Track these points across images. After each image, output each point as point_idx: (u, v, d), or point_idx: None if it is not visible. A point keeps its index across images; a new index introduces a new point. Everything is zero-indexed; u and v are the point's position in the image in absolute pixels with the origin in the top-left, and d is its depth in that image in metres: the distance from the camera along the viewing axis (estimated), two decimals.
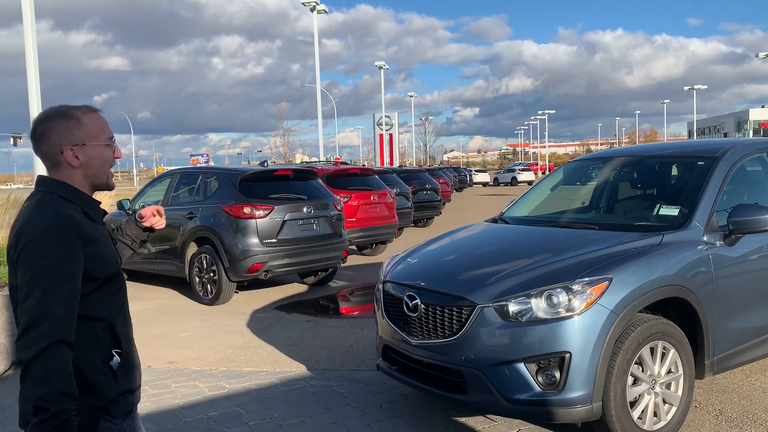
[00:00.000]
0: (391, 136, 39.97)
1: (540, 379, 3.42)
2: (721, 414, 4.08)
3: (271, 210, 8.04)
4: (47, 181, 1.95)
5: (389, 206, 12.15)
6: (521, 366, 3.43)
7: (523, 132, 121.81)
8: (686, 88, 68.24)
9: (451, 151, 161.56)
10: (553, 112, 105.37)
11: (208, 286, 8.18)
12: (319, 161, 22.44)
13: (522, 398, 3.44)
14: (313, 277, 9.38)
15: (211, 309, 7.95)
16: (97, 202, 2.00)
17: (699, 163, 4.58)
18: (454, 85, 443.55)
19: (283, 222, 8.14)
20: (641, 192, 5.13)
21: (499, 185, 54.25)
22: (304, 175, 9.19)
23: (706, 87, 69.82)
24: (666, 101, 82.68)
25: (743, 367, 4.61)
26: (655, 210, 4.47)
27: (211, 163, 56.64)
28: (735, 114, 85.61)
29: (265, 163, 9.63)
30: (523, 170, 55.21)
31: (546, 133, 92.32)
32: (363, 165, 23.21)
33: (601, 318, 3.40)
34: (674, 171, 4.96)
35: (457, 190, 38.85)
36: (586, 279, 3.48)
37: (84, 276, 1.82)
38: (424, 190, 17.87)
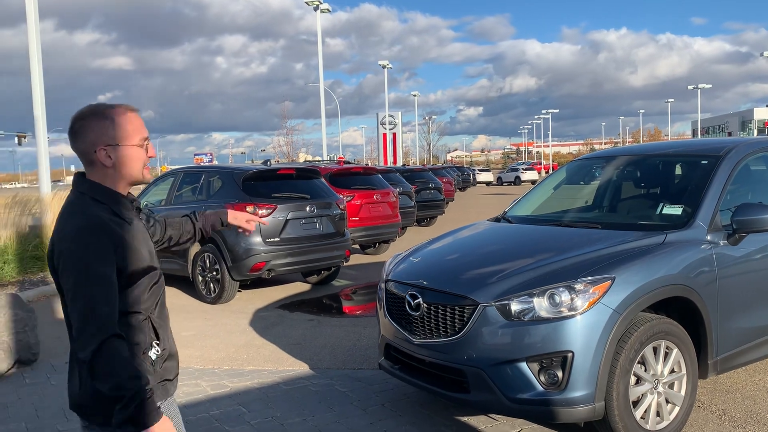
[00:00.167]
0: (394, 135, 39.96)
1: (542, 378, 3.41)
2: (725, 414, 4.07)
3: (274, 209, 8.04)
4: (80, 181, 2.01)
5: (392, 205, 12.14)
6: (523, 365, 3.42)
7: (526, 131, 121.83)
8: (690, 87, 68.12)
9: (454, 151, 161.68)
10: (557, 111, 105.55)
11: (211, 284, 8.19)
12: (323, 160, 22.46)
13: (524, 397, 3.44)
14: (315, 276, 9.38)
15: (213, 308, 7.95)
16: (129, 200, 2.04)
17: (702, 162, 4.56)
18: (458, 84, 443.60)
19: (286, 221, 8.14)
20: (644, 191, 5.12)
21: (502, 184, 54.22)
22: (307, 174, 9.19)
23: (710, 86, 69.71)
24: (670, 100, 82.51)
25: (747, 366, 4.60)
26: (659, 209, 4.45)
27: (215, 162, 56.71)
28: (739, 113, 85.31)
29: (268, 163, 9.63)
30: (526, 169, 55.14)
31: (549, 133, 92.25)
32: (366, 164, 23.22)
33: (603, 317, 3.39)
34: (677, 170, 4.94)
35: (460, 190, 38.82)
36: (589, 278, 3.47)
37: (118, 272, 1.89)
38: (427, 189, 17.85)
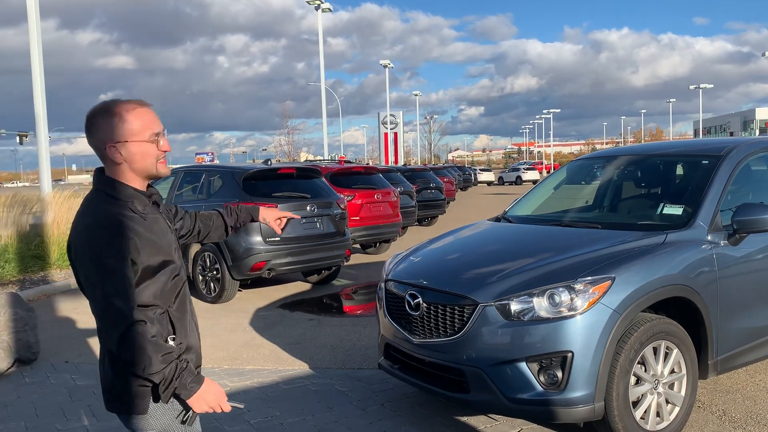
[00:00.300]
0: (396, 134, 39.94)
1: (542, 378, 3.40)
2: (725, 414, 4.06)
3: (274, 208, 8.02)
4: (97, 178, 2.05)
5: (393, 205, 12.13)
6: (523, 365, 3.41)
7: (528, 131, 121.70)
8: (692, 87, 67.99)
9: (456, 150, 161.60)
10: (558, 111, 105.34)
11: (211, 284, 8.19)
12: (324, 160, 22.44)
13: (524, 398, 3.43)
14: (316, 275, 9.38)
15: (214, 307, 7.95)
16: (145, 195, 2.06)
17: (703, 162, 4.55)
18: (459, 84, 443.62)
19: (288, 220, 8.11)
20: (645, 191, 5.11)
21: (503, 184, 54.20)
22: (308, 173, 9.18)
23: (712, 86, 69.52)
24: (672, 100, 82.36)
25: (748, 367, 4.59)
26: (659, 209, 4.44)
27: (216, 162, 56.73)
28: (741, 113, 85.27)
29: (269, 162, 9.62)
30: (527, 169, 55.11)
31: (551, 132, 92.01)
32: (367, 164, 23.20)
33: (603, 317, 3.38)
34: (678, 170, 4.93)
35: (461, 189, 38.80)
36: (589, 278, 3.46)
37: (133, 266, 1.93)
38: (428, 188, 17.84)
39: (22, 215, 11.34)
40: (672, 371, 3.70)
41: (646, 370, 3.59)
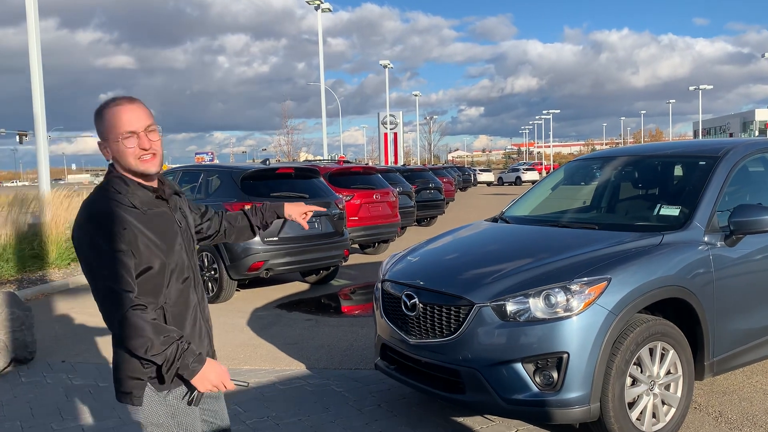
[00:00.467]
0: (395, 135, 39.95)
1: (537, 379, 3.40)
2: (721, 416, 4.05)
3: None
4: (107, 172, 2.10)
5: (392, 205, 12.13)
6: (519, 366, 3.41)
7: (527, 131, 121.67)
8: (692, 88, 67.93)
9: (455, 151, 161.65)
10: (558, 111, 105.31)
11: (209, 284, 8.18)
12: (323, 160, 22.43)
13: (519, 398, 3.42)
14: (314, 275, 9.38)
15: (211, 307, 7.88)
16: (149, 189, 2.07)
17: (700, 163, 4.55)
18: (459, 84, 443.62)
19: (285, 220, 8.11)
20: (642, 192, 5.10)
21: (503, 185, 54.22)
22: (306, 173, 9.18)
23: (711, 87, 69.46)
24: (671, 101, 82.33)
25: (744, 368, 4.59)
26: (656, 210, 4.44)
27: (216, 161, 56.70)
28: (741, 114, 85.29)
29: (267, 162, 9.62)
30: (527, 170, 55.17)
31: (551, 133, 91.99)
32: (366, 164, 23.19)
33: (599, 318, 3.38)
34: (675, 171, 4.92)
35: (461, 190, 38.81)
36: (585, 279, 3.46)
37: (133, 258, 1.96)
38: (427, 189, 17.85)
39: (21, 214, 11.32)
40: (668, 372, 3.70)
41: (642, 371, 3.59)
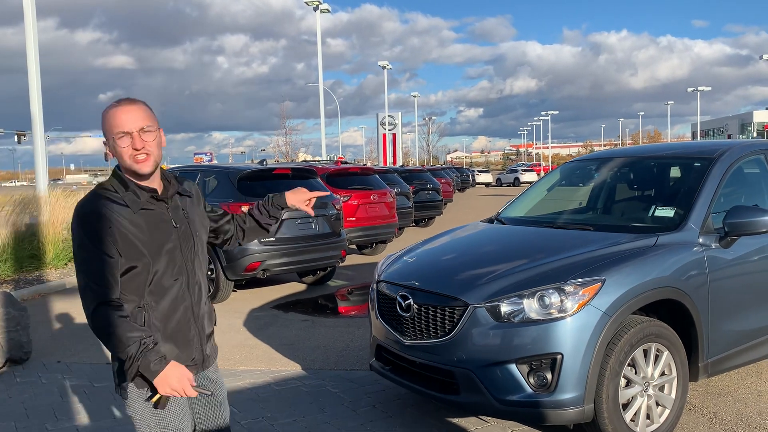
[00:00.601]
0: (394, 135, 39.99)
1: (531, 380, 3.40)
2: (716, 417, 4.06)
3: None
4: (112, 171, 2.18)
5: (389, 206, 12.13)
6: (513, 367, 3.41)
7: (526, 133, 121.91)
8: (690, 89, 68.11)
9: (454, 151, 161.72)
10: (557, 113, 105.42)
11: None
12: (322, 160, 22.43)
13: (513, 399, 3.42)
14: (311, 276, 9.37)
15: None
16: (145, 189, 2.13)
17: (696, 164, 4.55)
18: (459, 85, 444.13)
19: (282, 221, 8.12)
20: (638, 193, 5.11)
21: (501, 186, 54.20)
22: (303, 173, 9.18)
23: (710, 89, 69.67)
24: (670, 103, 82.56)
25: (739, 369, 4.59)
26: (651, 211, 4.44)
27: (215, 162, 56.67)
28: (739, 116, 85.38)
29: (264, 162, 9.62)
30: (525, 171, 55.20)
31: (549, 134, 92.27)
32: (364, 164, 23.20)
33: (593, 319, 3.38)
34: (671, 172, 4.92)
35: (459, 190, 38.81)
36: (579, 280, 3.46)
37: (117, 256, 2.03)
38: (425, 189, 17.85)
39: (18, 215, 11.30)
40: (662, 374, 3.70)
41: (636, 373, 3.59)
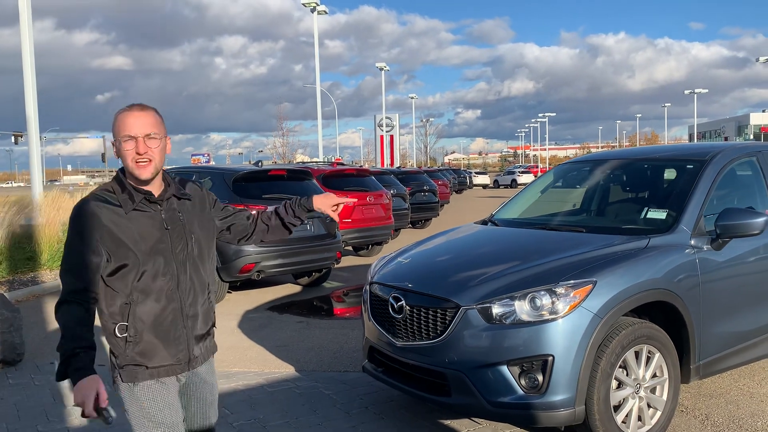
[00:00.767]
0: (392, 137, 40.03)
1: (523, 382, 3.40)
2: (708, 419, 4.06)
3: (264, 210, 8.01)
4: (116, 173, 2.30)
5: (385, 207, 12.13)
6: (504, 369, 3.41)
7: (524, 134, 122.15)
8: (687, 91, 68.25)
9: (452, 153, 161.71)
10: (554, 114, 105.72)
11: None
12: (318, 162, 22.40)
13: (505, 401, 3.42)
14: (307, 277, 9.37)
15: None
16: (141, 191, 2.23)
17: (688, 166, 4.56)
18: (456, 87, 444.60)
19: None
20: (631, 195, 5.12)
21: (498, 187, 54.29)
22: (299, 175, 9.18)
23: (707, 91, 69.92)
24: (667, 105, 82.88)
25: (731, 371, 4.59)
26: (643, 213, 4.45)
27: (212, 163, 56.61)
28: (736, 118, 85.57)
29: (260, 164, 9.62)
30: (523, 173, 55.26)
31: (546, 136, 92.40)
32: (360, 166, 23.18)
33: (584, 321, 3.38)
34: (663, 174, 4.93)
35: (456, 192, 38.84)
36: (570, 282, 3.46)
37: (106, 255, 2.14)
38: (421, 191, 17.86)
39: (14, 216, 11.29)
40: (654, 375, 3.70)
41: (627, 374, 3.59)
